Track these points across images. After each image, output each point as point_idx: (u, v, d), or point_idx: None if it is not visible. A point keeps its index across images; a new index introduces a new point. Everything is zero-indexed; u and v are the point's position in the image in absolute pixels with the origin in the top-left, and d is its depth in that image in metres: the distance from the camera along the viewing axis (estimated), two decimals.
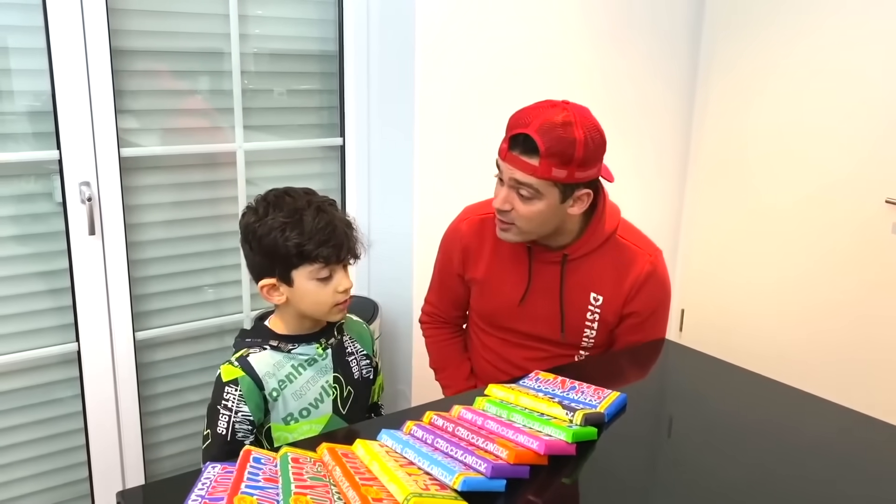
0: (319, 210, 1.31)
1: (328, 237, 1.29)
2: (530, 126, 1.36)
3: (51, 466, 2.12)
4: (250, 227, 1.31)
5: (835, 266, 2.60)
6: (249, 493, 0.93)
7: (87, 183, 1.95)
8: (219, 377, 1.31)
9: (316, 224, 1.29)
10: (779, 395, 1.39)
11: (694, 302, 3.11)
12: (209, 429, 1.31)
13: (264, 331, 1.39)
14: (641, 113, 2.82)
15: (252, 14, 2.20)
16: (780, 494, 1.07)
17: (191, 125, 2.18)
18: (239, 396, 1.29)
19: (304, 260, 1.29)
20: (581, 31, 2.55)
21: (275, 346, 1.36)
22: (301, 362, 1.37)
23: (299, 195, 1.33)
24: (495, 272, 1.61)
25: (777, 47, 2.69)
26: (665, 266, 1.59)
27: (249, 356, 1.33)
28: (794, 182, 2.69)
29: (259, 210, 1.31)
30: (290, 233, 1.28)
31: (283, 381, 1.35)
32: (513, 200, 1.43)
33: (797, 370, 1.98)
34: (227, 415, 1.29)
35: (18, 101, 1.91)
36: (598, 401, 1.26)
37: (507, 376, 1.63)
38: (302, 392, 1.36)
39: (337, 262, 1.32)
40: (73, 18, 1.86)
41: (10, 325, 1.99)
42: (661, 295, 1.58)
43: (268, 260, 1.31)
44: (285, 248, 1.28)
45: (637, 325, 1.57)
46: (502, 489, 1.02)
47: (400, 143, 2.34)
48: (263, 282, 1.33)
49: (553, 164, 1.36)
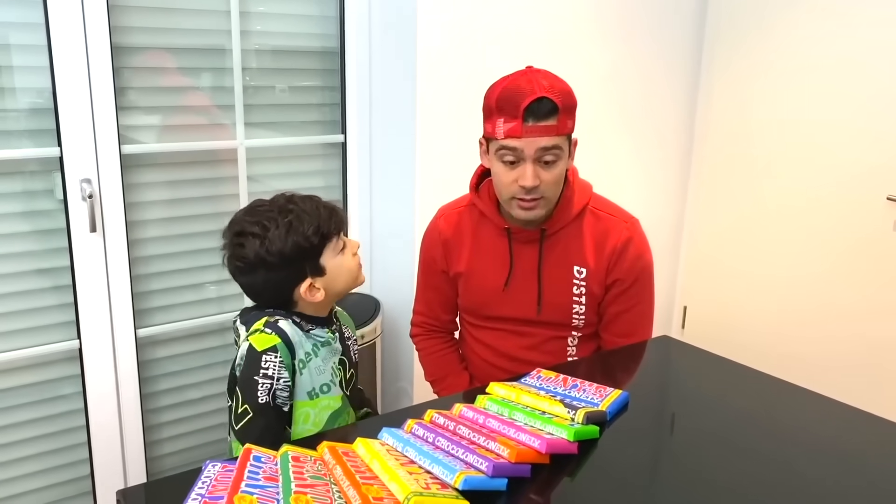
0: (303, 198, 1.36)
1: (328, 211, 1.36)
2: (538, 90, 1.39)
3: (52, 463, 2.12)
4: (261, 252, 1.30)
5: (838, 262, 2.60)
6: (249, 492, 0.93)
7: (88, 180, 1.95)
8: (251, 348, 1.29)
9: (312, 207, 1.34)
10: (781, 392, 1.38)
11: (696, 298, 3.10)
12: (246, 403, 1.28)
13: (285, 308, 1.39)
14: (644, 109, 2.81)
15: (253, 10, 2.19)
16: (784, 493, 1.06)
17: (192, 122, 2.18)
18: (280, 362, 1.29)
19: (326, 241, 1.34)
20: (584, 27, 2.54)
21: (297, 323, 1.36)
22: (316, 342, 1.39)
23: (272, 200, 1.37)
24: (478, 262, 1.62)
25: (780, 42, 2.67)
26: (643, 234, 1.60)
27: (278, 322, 1.33)
28: (798, 178, 2.68)
29: (255, 235, 1.31)
30: (303, 226, 1.31)
31: (309, 353, 1.36)
32: (539, 173, 1.44)
33: (800, 367, 1.98)
34: (269, 383, 1.28)
35: (20, 98, 1.91)
36: (600, 399, 1.25)
37: (503, 371, 1.64)
38: (321, 369, 1.39)
39: (343, 229, 1.39)
40: (73, 15, 1.85)
41: (11, 323, 1.99)
42: (643, 261, 1.58)
43: (294, 266, 1.32)
44: (308, 240, 1.31)
45: (621, 294, 1.58)
46: (504, 488, 1.01)
47: (401, 140, 2.33)
48: (302, 287, 1.33)
49: (567, 118, 1.43)
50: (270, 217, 1.32)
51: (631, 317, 1.60)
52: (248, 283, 1.36)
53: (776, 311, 2.79)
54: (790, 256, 2.73)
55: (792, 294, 2.74)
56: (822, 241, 2.63)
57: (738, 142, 2.86)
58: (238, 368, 1.32)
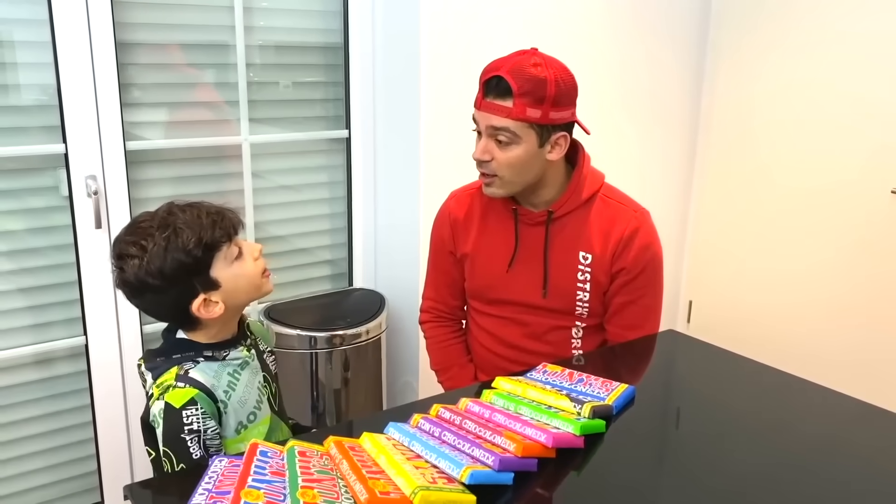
0: (184, 207, 1.26)
1: (212, 218, 1.25)
2: (501, 69, 1.40)
3: (60, 459, 2.13)
4: (140, 274, 1.19)
5: (845, 255, 2.59)
6: (256, 487, 0.93)
7: (94, 176, 1.95)
8: (168, 407, 1.20)
9: (193, 216, 1.24)
10: (788, 386, 1.38)
11: (702, 292, 3.10)
12: (182, 463, 1.20)
13: (188, 344, 1.29)
14: (647, 101, 2.80)
15: (256, 6, 2.19)
16: (792, 488, 1.06)
17: (196, 118, 2.18)
18: (202, 413, 1.21)
19: (213, 251, 1.23)
20: (591, 18, 2.53)
21: (209, 357, 1.28)
22: (235, 367, 1.31)
23: (154, 213, 1.26)
24: (484, 243, 1.62)
25: (785, 31, 2.66)
26: (652, 225, 1.58)
27: (189, 372, 1.24)
28: (804, 170, 2.67)
29: (132, 256, 1.20)
30: (181, 239, 1.20)
31: (227, 390, 1.28)
32: (492, 150, 1.44)
33: (807, 361, 1.98)
34: (196, 437, 1.20)
35: (25, 95, 1.91)
36: (607, 393, 1.25)
37: (507, 360, 1.64)
38: (245, 397, 1.31)
39: (236, 234, 1.28)
40: (77, 11, 1.85)
41: (18, 319, 2.00)
42: (650, 252, 1.56)
43: (181, 282, 1.22)
44: (190, 255, 1.21)
45: (627, 284, 1.55)
46: (510, 482, 1.01)
47: (406, 135, 2.33)
48: (195, 304, 1.23)
49: (527, 104, 1.39)
50: (149, 234, 1.21)
51: (637, 309, 1.58)
52: (141, 305, 1.28)
53: (783, 305, 2.78)
54: (797, 249, 2.72)
55: (799, 287, 2.73)
56: (829, 233, 2.62)
57: (744, 133, 2.85)
58: (155, 424, 1.22)
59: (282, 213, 2.40)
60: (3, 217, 1.93)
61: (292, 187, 2.41)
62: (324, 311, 2.37)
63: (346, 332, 2.23)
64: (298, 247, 2.46)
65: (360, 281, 2.57)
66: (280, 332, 2.20)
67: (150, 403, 1.25)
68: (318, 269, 2.52)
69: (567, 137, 1.48)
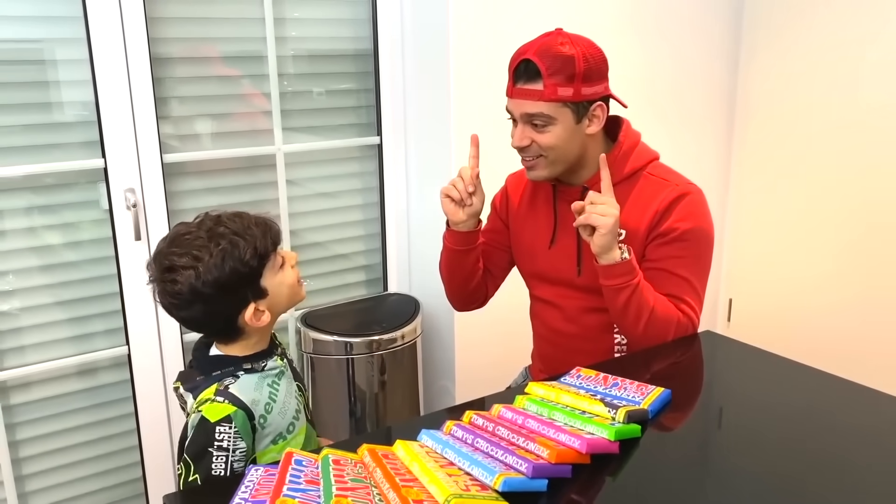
0: (231, 218, 1.26)
1: (262, 228, 1.26)
2: (528, 52, 1.40)
3: (106, 467, 2.18)
4: (197, 285, 1.19)
5: (891, 253, 2.51)
6: (291, 496, 0.94)
7: (132, 189, 2.00)
8: (203, 420, 1.20)
9: (243, 226, 1.25)
10: (833, 388, 1.34)
11: (742, 290, 3.04)
12: (198, 473, 1.19)
13: (226, 359, 1.29)
14: (682, 101, 2.76)
15: (288, 16, 2.22)
16: (837, 495, 1.03)
17: (231, 129, 2.21)
18: (235, 433, 1.20)
19: (264, 261, 1.25)
20: (620, 17, 2.51)
21: (248, 369, 1.28)
22: (273, 378, 1.31)
23: (199, 224, 1.26)
24: (528, 220, 1.63)
25: (823, 19, 2.60)
26: (702, 199, 1.49)
27: (229, 388, 1.24)
28: (846, 163, 2.60)
29: (186, 267, 1.20)
30: (239, 250, 1.21)
31: (269, 402, 1.28)
32: (530, 134, 1.44)
33: (853, 362, 1.92)
34: (224, 455, 1.19)
35: (67, 112, 1.96)
36: (642, 397, 1.23)
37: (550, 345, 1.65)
38: (286, 408, 1.31)
39: (280, 242, 1.31)
40: (113, 28, 1.90)
41: (62, 331, 2.05)
42: (691, 223, 1.45)
43: (235, 293, 1.23)
44: (247, 265, 1.22)
45: (659, 248, 1.46)
46: (544, 489, 1.00)
47: (437, 140, 2.33)
48: (248, 313, 1.24)
49: (557, 84, 1.38)
50: (200, 245, 1.21)
51: (672, 278, 1.47)
52: (187, 317, 1.26)
53: (827, 303, 2.72)
54: (841, 245, 2.65)
55: (843, 285, 2.66)
56: (872, 229, 2.55)
57: (782, 126, 2.79)
58: (189, 436, 1.22)
59: (316, 221, 2.42)
60: (46, 231, 1.99)
61: (326, 194, 2.43)
62: (359, 316, 2.39)
63: (382, 337, 2.24)
64: (333, 253, 2.48)
65: (394, 286, 2.58)
66: (317, 339, 2.22)
67: (189, 420, 1.25)
68: (353, 275, 2.54)
69: (604, 107, 1.46)
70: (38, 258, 1.99)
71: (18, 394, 2.02)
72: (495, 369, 1.91)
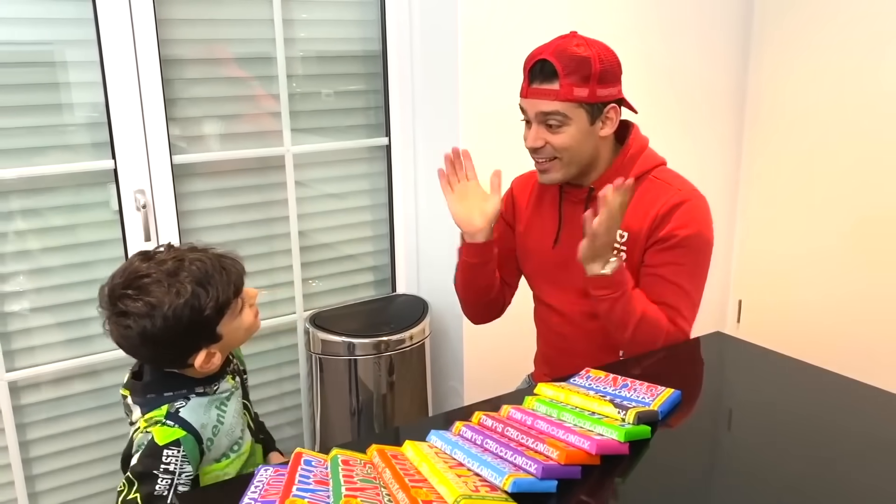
0: (194, 260, 1.21)
1: (227, 274, 1.22)
2: (545, 53, 1.41)
3: (114, 467, 2.18)
4: (148, 332, 1.15)
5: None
6: (301, 496, 0.94)
7: (142, 191, 2.00)
8: (152, 441, 1.17)
9: (206, 272, 1.20)
10: (845, 390, 1.34)
11: (752, 291, 3.03)
12: (139, 493, 1.15)
13: (180, 380, 1.26)
14: (691, 100, 2.75)
15: (297, 18, 2.22)
16: (848, 496, 1.02)
17: (240, 130, 2.22)
18: (182, 457, 1.18)
19: (224, 310, 1.22)
20: (629, 20, 2.50)
21: (200, 392, 1.26)
22: (222, 400, 1.29)
23: (150, 263, 1.20)
24: (534, 221, 1.64)
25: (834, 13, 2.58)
26: (705, 206, 1.50)
27: (179, 411, 1.22)
28: (857, 162, 2.59)
29: (140, 315, 1.15)
30: (199, 301, 1.17)
31: (216, 425, 1.27)
32: (544, 135, 1.45)
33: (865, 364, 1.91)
34: (169, 478, 1.17)
35: (77, 113, 1.97)
36: (652, 398, 1.23)
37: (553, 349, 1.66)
38: (231, 429, 1.30)
39: (242, 286, 1.27)
40: (123, 30, 1.91)
41: (73, 332, 2.06)
42: (691, 230, 1.46)
43: (189, 339, 1.20)
44: (205, 318, 1.19)
45: (661, 253, 1.46)
46: (553, 490, 1.00)
47: (445, 141, 2.33)
48: (198, 360, 1.21)
49: (573, 84, 1.40)
50: (159, 292, 1.16)
51: (666, 285, 1.47)
52: (133, 354, 1.24)
53: (837, 304, 2.70)
54: (851, 245, 2.64)
55: (855, 285, 2.65)
56: (887, 229, 2.54)
57: (792, 127, 2.78)
58: (135, 455, 1.20)
59: (325, 222, 2.43)
60: (56, 233, 2.00)
61: (335, 195, 2.44)
62: (368, 317, 2.39)
63: (391, 338, 2.24)
64: (342, 254, 2.49)
65: (402, 287, 2.58)
66: (325, 339, 2.23)
67: (134, 435, 1.23)
68: (361, 276, 2.54)
69: (617, 109, 1.47)
70: (49, 259, 2.00)
71: (29, 394, 2.03)
72: (504, 370, 1.91)
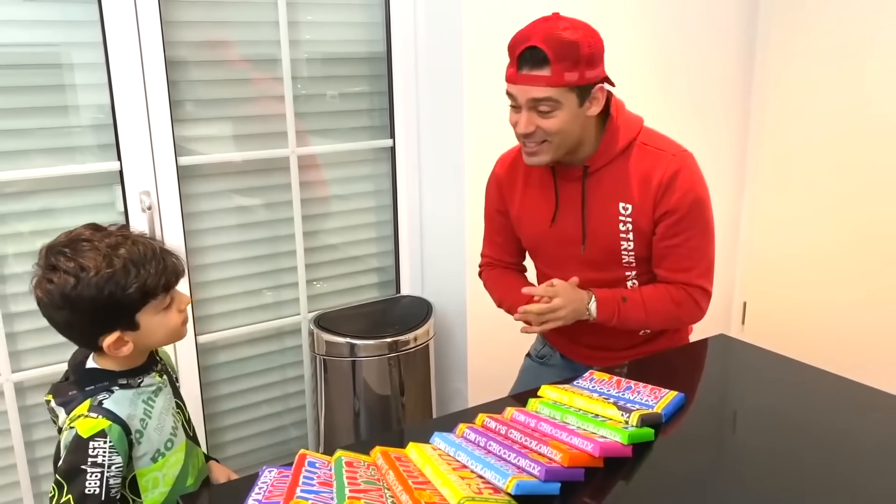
0: (136, 244, 1.21)
1: (162, 267, 1.21)
2: (533, 38, 1.40)
3: None
4: (70, 294, 1.14)
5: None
6: (304, 498, 0.95)
7: (147, 192, 2.01)
8: (76, 436, 1.15)
9: (142, 257, 1.19)
10: (849, 393, 1.34)
11: (757, 294, 3.02)
12: (70, 494, 1.13)
13: (101, 373, 1.24)
14: (697, 100, 2.75)
15: (302, 20, 2.23)
16: (853, 500, 1.02)
17: (245, 132, 2.22)
18: (110, 448, 1.16)
19: (147, 297, 1.20)
20: (636, 14, 2.50)
21: (124, 385, 1.24)
22: (149, 394, 1.27)
23: (103, 234, 1.20)
24: (528, 202, 1.64)
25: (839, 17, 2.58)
26: (694, 167, 1.55)
27: (103, 403, 1.20)
28: (862, 164, 2.58)
29: (68, 273, 1.15)
30: (126, 280, 1.16)
31: (143, 418, 1.24)
32: (535, 121, 1.45)
33: (869, 367, 1.91)
34: (98, 472, 1.14)
35: (83, 115, 1.98)
36: (655, 401, 1.23)
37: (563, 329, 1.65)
38: (161, 424, 1.27)
39: (176, 285, 1.26)
40: (129, 32, 1.92)
41: None
42: (693, 194, 1.52)
43: (105, 317, 1.18)
44: (128, 297, 1.17)
45: (672, 226, 1.51)
46: (556, 492, 1.00)
47: (450, 143, 2.34)
48: (107, 340, 1.19)
49: (564, 69, 1.40)
50: (93, 257, 1.16)
51: (685, 251, 1.54)
52: (49, 318, 1.21)
53: (843, 307, 2.70)
54: (858, 248, 2.63)
55: (861, 288, 2.64)
56: (890, 231, 2.53)
57: (797, 130, 2.77)
58: (63, 455, 1.17)
59: (329, 223, 2.43)
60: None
61: (339, 197, 2.44)
62: (372, 318, 2.39)
63: (395, 339, 2.24)
64: (346, 255, 2.49)
65: (407, 288, 2.58)
66: (329, 341, 2.23)
67: (62, 437, 1.20)
68: (365, 278, 2.55)
69: (603, 89, 1.48)
70: None
71: (35, 394, 2.04)
72: (508, 371, 1.91)
